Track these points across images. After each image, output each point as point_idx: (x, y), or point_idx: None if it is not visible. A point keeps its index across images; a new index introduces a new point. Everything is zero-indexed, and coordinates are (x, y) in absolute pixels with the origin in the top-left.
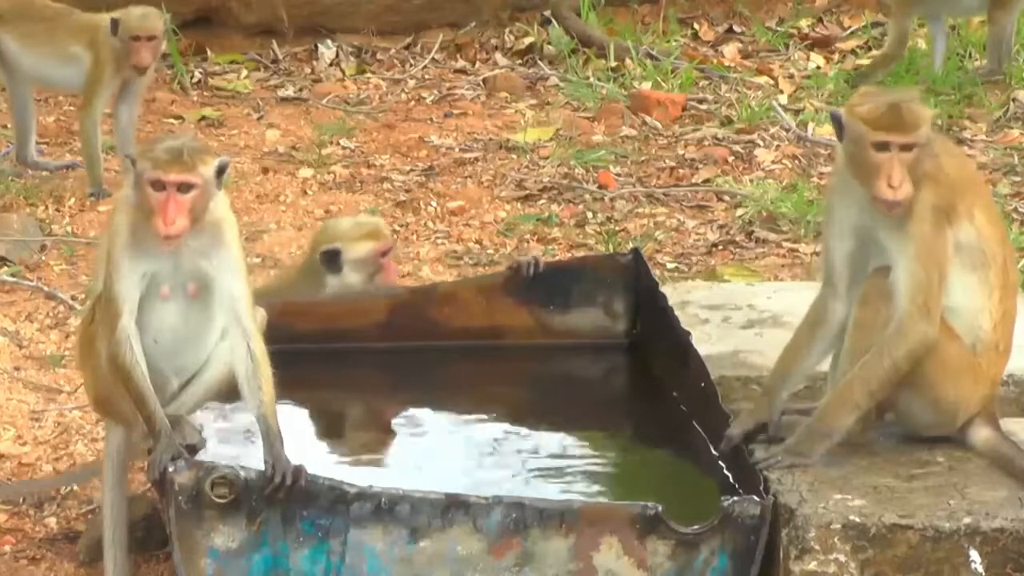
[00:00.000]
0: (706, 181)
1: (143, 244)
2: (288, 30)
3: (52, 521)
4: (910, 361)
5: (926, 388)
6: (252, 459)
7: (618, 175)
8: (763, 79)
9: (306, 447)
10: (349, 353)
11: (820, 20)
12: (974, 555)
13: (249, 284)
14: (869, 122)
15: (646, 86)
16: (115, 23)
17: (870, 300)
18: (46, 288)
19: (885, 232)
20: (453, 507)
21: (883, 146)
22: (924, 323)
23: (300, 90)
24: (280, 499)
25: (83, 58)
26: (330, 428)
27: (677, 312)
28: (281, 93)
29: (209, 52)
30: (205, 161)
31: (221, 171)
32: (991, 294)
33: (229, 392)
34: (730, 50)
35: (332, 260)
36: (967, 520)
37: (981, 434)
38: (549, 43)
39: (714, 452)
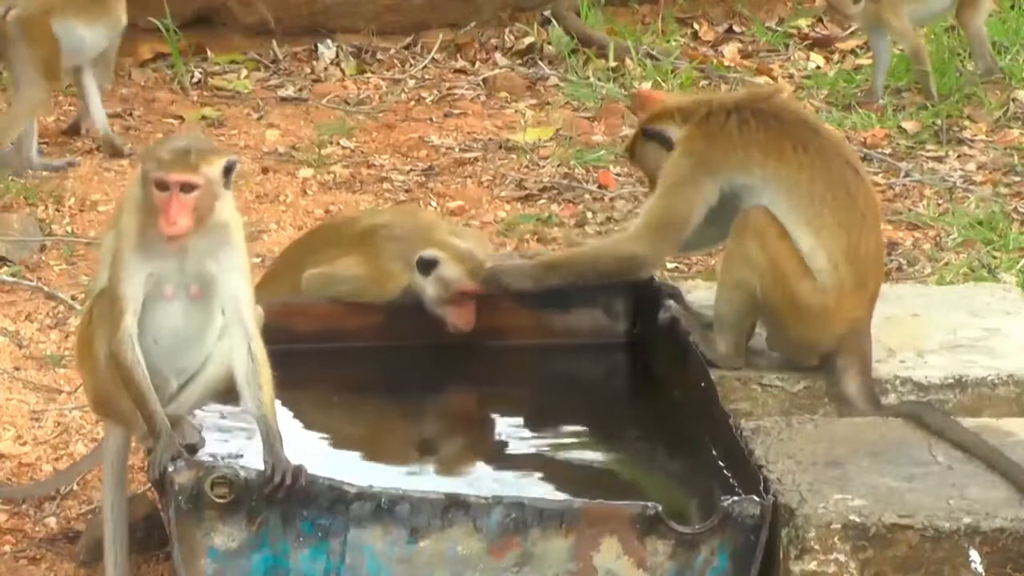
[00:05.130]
0: None
1: (150, 244)
2: (276, 29)
3: (52, 521)
4: (610, 264)
5: (778, 319)
6: (252, 459)
7: (618, 175)
8: (763, 79)
9: (306, 447)
10: (349, 353)
11: (820, 20)
12: (974, 555)
13: (252, 285)
14: None
15: (646, 86)
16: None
17: (739, 234)
18: (46, 288)
19: None
20: (453, 507)
21: None
22: (632, 243)
23: (300, 90)
24: (280, 499)
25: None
26: (330, 428)
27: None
28: (281, 93)
29: (209, 52)
30: (210, 161)
31: (229, 170)
32: (818, 233)
33: (228, 392)
34: (730, 50)
35: (425, 267)
36: (967, 520)
37: (852, 385)
38: (549, 43)
39: (714, 452)
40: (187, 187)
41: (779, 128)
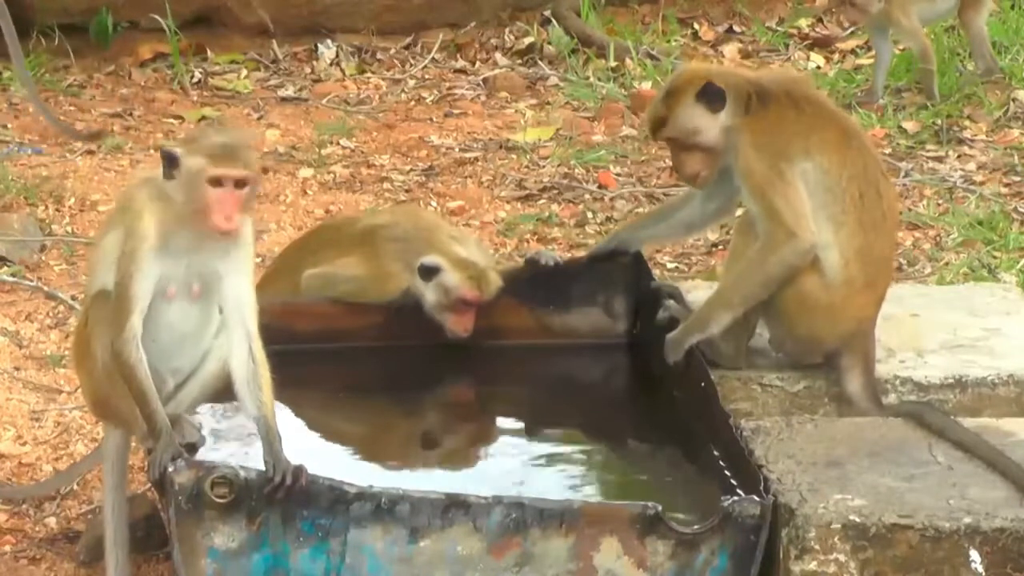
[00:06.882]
0: None
1: (168, 244)
2: (276, 30)
3: (52, 521)
4: (781, 267)
5: (782, 315)
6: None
7: (618, 175)
8: None
9: (306, 447)
10: (349, 353)
11: (820, 20)
12: (974, 555)
13: (254, 285)
14: None
15: (646, 86)
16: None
17: (744, 230)
18: (46, 288)
19: (735, 173)
20: (453, 507)
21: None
22: (788, 238)
23: (300, 90)
24: (280, 499)
25: None
26: (330, 428)
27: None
28: (281, 93)
29: (209, 52)
30: (255, 156)
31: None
32: (837, 230)
33: (225, 390)
34: (730, 50)
35: (426, 273)
36: (967, 520)
37: (855, 384)
38: (549, 43)
39: (714, 452)
40: (240, 183)
41: (827, 117)
